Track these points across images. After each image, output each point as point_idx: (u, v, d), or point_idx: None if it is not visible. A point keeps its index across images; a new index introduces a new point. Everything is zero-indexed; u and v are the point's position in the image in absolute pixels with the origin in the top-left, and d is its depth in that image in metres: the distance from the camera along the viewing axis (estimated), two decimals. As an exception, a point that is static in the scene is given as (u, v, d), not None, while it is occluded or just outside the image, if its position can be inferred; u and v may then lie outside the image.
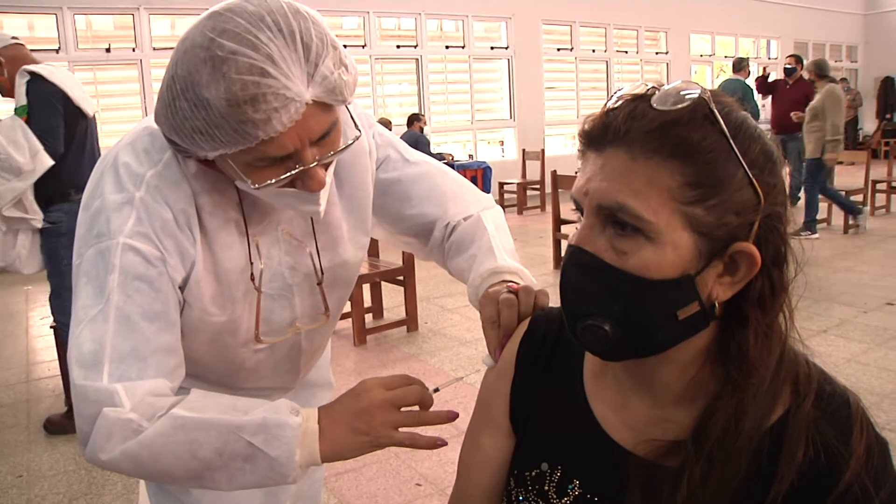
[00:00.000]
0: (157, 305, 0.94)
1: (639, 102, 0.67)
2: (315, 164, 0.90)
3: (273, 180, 0.89)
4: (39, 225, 3.06)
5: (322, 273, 1.14)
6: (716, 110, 0.65)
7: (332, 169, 0.98)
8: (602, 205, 0.67)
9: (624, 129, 0.66)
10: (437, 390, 1.01)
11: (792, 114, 7.95)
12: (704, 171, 0.64)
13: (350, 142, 0.96)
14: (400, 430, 0.96)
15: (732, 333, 0.70)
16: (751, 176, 0.65)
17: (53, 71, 3.07)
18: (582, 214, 0.71)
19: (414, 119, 8.88)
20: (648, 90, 0.68)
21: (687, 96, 0.66)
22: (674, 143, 0.64)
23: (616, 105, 0.68)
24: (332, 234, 1.15)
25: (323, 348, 1.36)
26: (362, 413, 0.95)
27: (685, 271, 0.66)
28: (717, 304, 0.69)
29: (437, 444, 0.98)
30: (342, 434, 0.94)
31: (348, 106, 0.98)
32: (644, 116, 0.66)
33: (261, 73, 0.81)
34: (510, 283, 1.05)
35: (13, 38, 3.14)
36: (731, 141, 0.65)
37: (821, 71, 7.01)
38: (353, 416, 0.95)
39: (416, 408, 0.99)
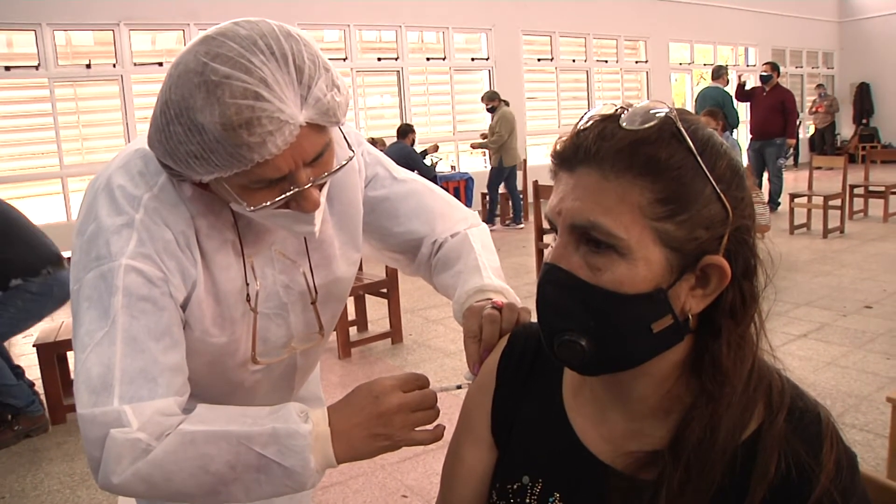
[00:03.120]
0: (163, 325, 0.93)
1: (608, 122, 0.69)
2: (309, 185, 0.91)
3: (268, 202, 0.90)
4: None
5: (316, 292, 1.15)
6: (682, 128, 0.67)
7: (325, 189, 0.98)
8: (575, 224, 0.69)
9: (594, 148, 0.68)
10: (459, 387, 1.02)
11: None
12: (673, 187, 0.66)
13: (343, 162, 0.97)
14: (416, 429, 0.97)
15: (706, 345, 0.72)
16: (718, 191, 0.67)
17: None
18: (556, 233, 0.72)
19: (408, 131, 8.59)
20: (617, 110, 0.70)
21: (654, 115, 0.68)
22: (643, 161, 0.66)
23: (586, 126, 0.70)
24: (324, 252, 1.16)
25: (315, 365, 1.37)
26: (381, 417, 0.94)
27: (658, 285, 0.68)
28: (690, 317, 0.71)
29: (443, 431, 0.99)
30: (360, 437, 0.93)
31: (340, 126, 0.99)
32: (613, 136, 0.67)
33: (255, 96, 0.82)
34: (494, 301, 1.06)
35: None
36: (699, 157, 0.67)
37: (496, 96, 8.95)
38: (372, 419, 0.94)
39: None
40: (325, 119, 0.89)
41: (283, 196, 0.90)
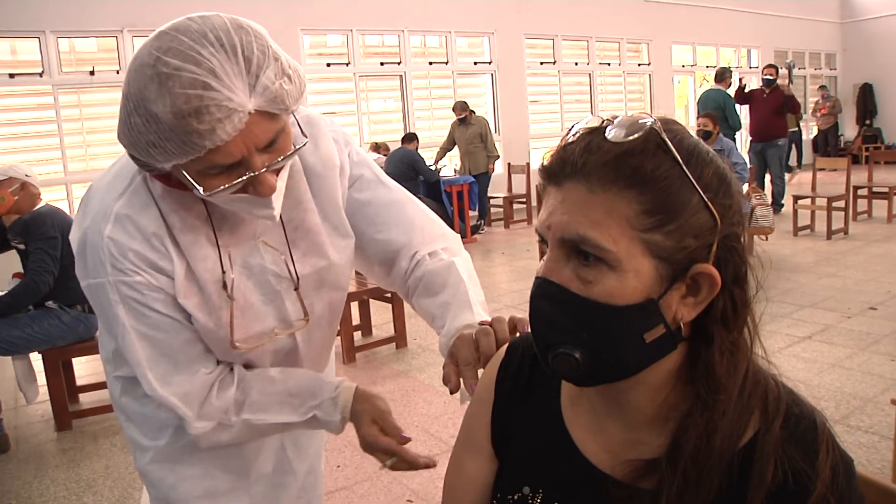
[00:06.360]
0: (165, 317, 1.07)
1: (594, 136, 0.69)
2: (264, 170, 0.96)
3: (223, 187, 0.95)
4: None
5: (298, 278, 1.19)
6: (667, 139, 0.68)
7: (284, 174, 1.04)
8: (565, 237, 0.70)
9: (581, 162, 0.69)
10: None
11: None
12: (660, 198, 0.67)
13: (297, 146, 1.02)
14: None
15: (699, 352, 0.73)
16: (706, 199, 0.68)
17: None
18: (547, 247, 0.73)
19: (412, 138, 8.65)
20: (603, 123, 0.70)
21: (639, 126, 0.68)
22: (629, 173, 0.67)
23: (572, 139, 0.71)
24: (312, 240, 1.20)
25: (325, 357, 1.40)
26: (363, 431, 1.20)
27: (648, 296, 0.68)
28: (682, 325, 0.71)
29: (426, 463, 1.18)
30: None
31: (296, 115, 1.05)
32: (599, 149, 0.68)
33: (203, 86, 0.87)
34: (481, 321, 1.12)
35: None
36: (685, 167, 0.67)
37: (467, 107, 9.29)
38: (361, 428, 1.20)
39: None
40: (275, 106, 0.94)
41: (239, 181, 0.95)
